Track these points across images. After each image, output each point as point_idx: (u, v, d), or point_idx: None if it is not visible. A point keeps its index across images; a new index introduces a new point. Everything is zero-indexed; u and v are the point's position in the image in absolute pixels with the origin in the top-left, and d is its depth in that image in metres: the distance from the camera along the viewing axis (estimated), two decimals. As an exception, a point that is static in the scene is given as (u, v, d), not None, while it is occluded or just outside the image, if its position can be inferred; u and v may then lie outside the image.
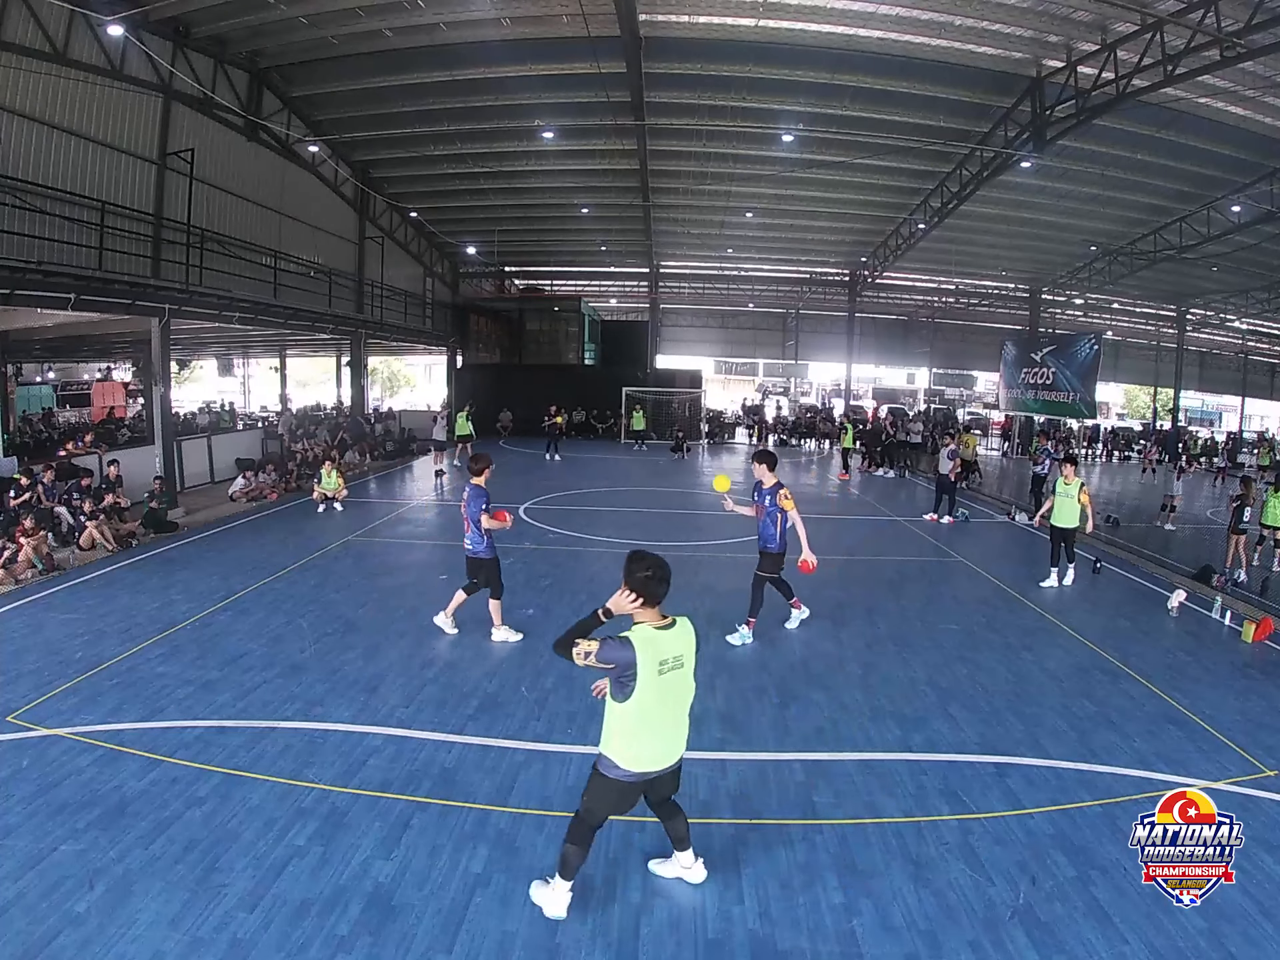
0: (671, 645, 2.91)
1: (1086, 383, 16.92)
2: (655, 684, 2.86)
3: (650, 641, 2.87)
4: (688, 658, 2.97)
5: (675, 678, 2.92)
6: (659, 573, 2.89)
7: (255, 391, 35.26)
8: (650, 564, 2.88)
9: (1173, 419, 32.46)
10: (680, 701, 3.00)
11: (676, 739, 3.03)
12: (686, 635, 2.99)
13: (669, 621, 2.95)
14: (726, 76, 14.94)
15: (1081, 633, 6.77)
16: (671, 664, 2.89)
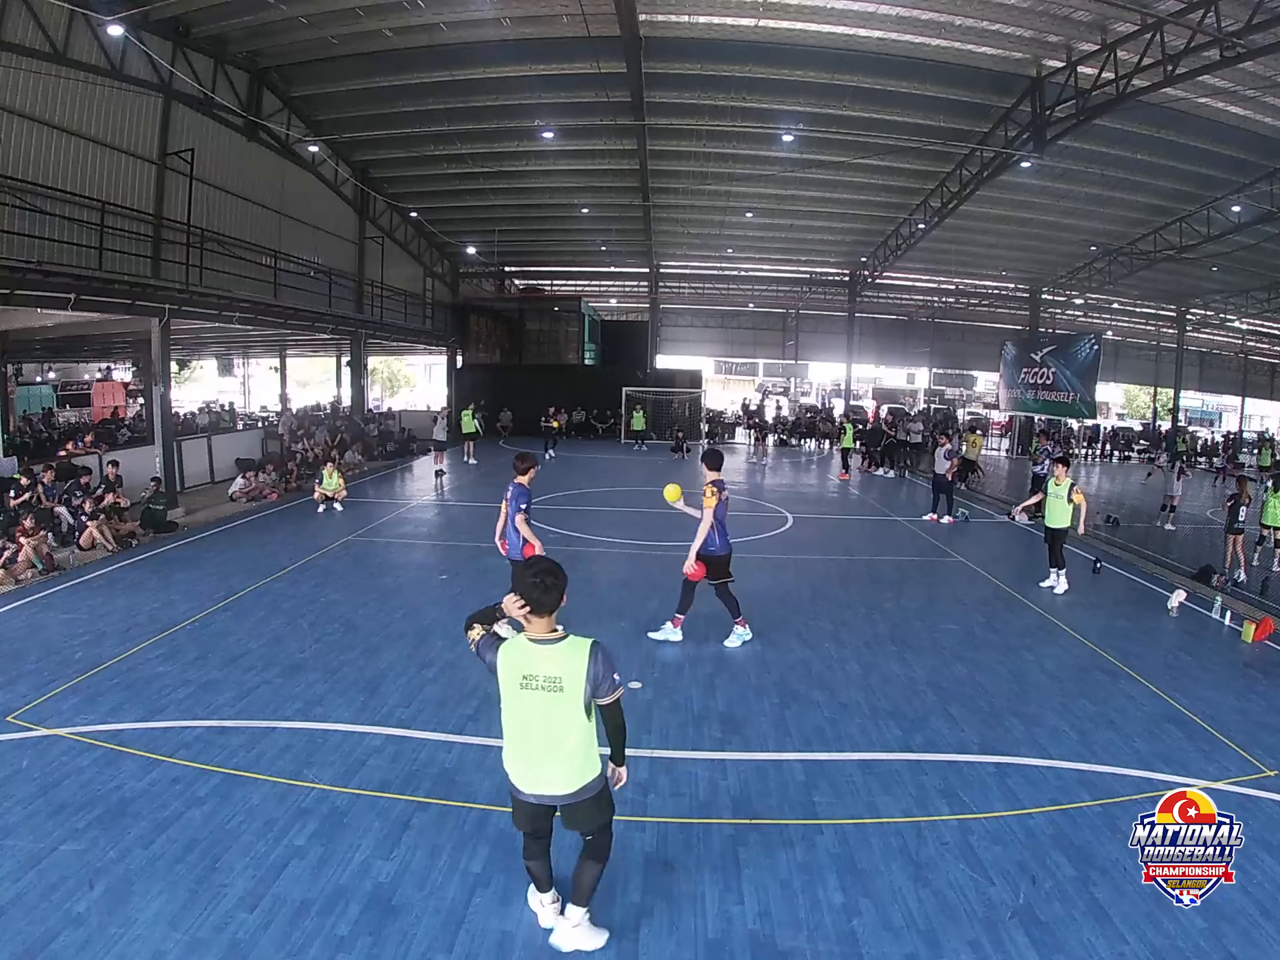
0: (545, 663, 2.58)
1: (1086, 383, 16.95)
2: (514, 699, 2.62)
3: (517, 652, 2.62)
4: (571, 683, 2.57)
5: (542, 700, 2.57)
6: (548, 580, 2.57)
7: (255, 391, 35.24)
8: (540, 570, 2.59)
9: (1173, 419, 32.46)
10: (546, 727, 2.62)
11: (545, 768, 2.67)
12: (575, 658, 2.59)
13: (557, 637, 2.62)
14: (726, 76, 14.94)
15: (1081, 633, 6.77)
16: (541, 684, 2.56)
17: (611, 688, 2.65)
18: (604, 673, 2.62)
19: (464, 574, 8.15)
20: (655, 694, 5.21)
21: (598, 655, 2.62)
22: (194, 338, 20.10)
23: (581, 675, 2.58)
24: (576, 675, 2.58)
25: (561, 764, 2.66)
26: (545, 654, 2.59)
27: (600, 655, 2.62)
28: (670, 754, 4.39)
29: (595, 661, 2.60)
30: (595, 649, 2.62)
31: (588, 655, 2.60)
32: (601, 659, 2.62)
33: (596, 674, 2.60)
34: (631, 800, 3.91)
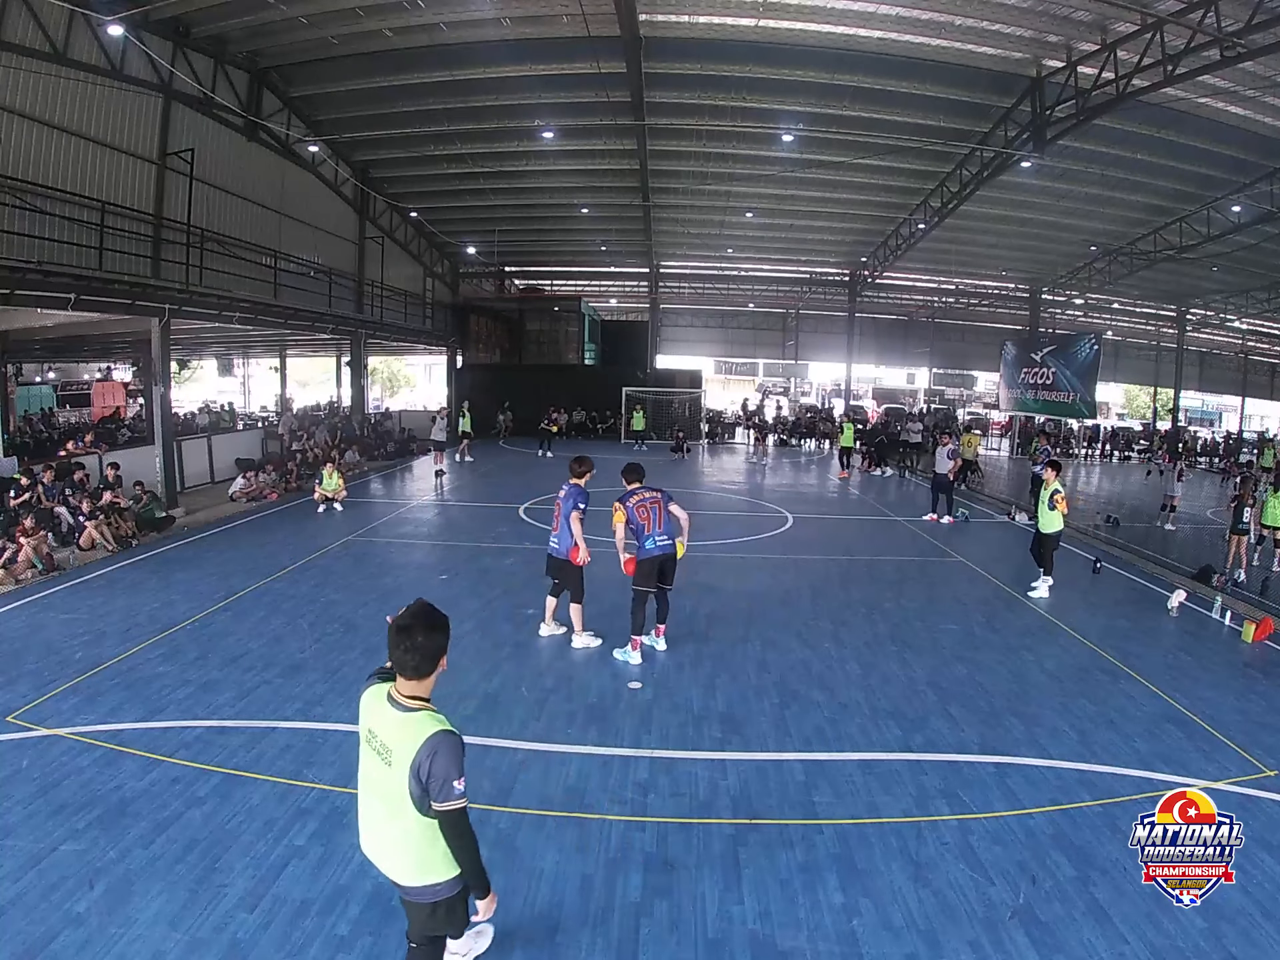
0: (386, 726, 2.16)
1: (1086, 383, 16.97)
2: (362, 750, 2.26)
3: (373, 700, 2.23)
4: (399, 758, 2.09)
5: (375, 764, 2.19)
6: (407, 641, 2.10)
7: (255, 391, 35.23)
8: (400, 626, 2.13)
9: (1173, 419, 32.46)
10: (375, 797, 2.22)
11: (368, 835, 2.29)
12: (410, 739, 2.09)
13: (413, 705, 2.15)
14: (726, 76, 14.94)
15: (1081, 633, 6.77)
16: (377, 747, 2.18)
17: (443, 795, 2.07)
18: (437, 772, 2.06)
19: (464, 574, 8.15)
20: (655, 694, 5.21)
21: (435, 749, 2.06)
22: (194, 338, 20.08)
23: (408, 761, 2.07)
24: (407, 750, 2.08)
25: (389, 845, 2.23)
26: (391, 717, 2.16)
27: (439, 751, 2.06)
28: (670, 754, 4.39)
29: (428, 755, 2.06)
30: (436, 740, 2.07)
31: (422, 743, 2.07)
32: (439, 755, 2.06)
33: (424, 770, 2.06)
34: (631, 800, 3.91)
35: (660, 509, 5.81)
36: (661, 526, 5.78)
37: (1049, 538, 8.01)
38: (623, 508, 5.80)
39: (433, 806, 2.09)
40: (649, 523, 5.76)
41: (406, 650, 2.09)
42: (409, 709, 2.15)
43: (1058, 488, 7.97)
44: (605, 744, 4.48)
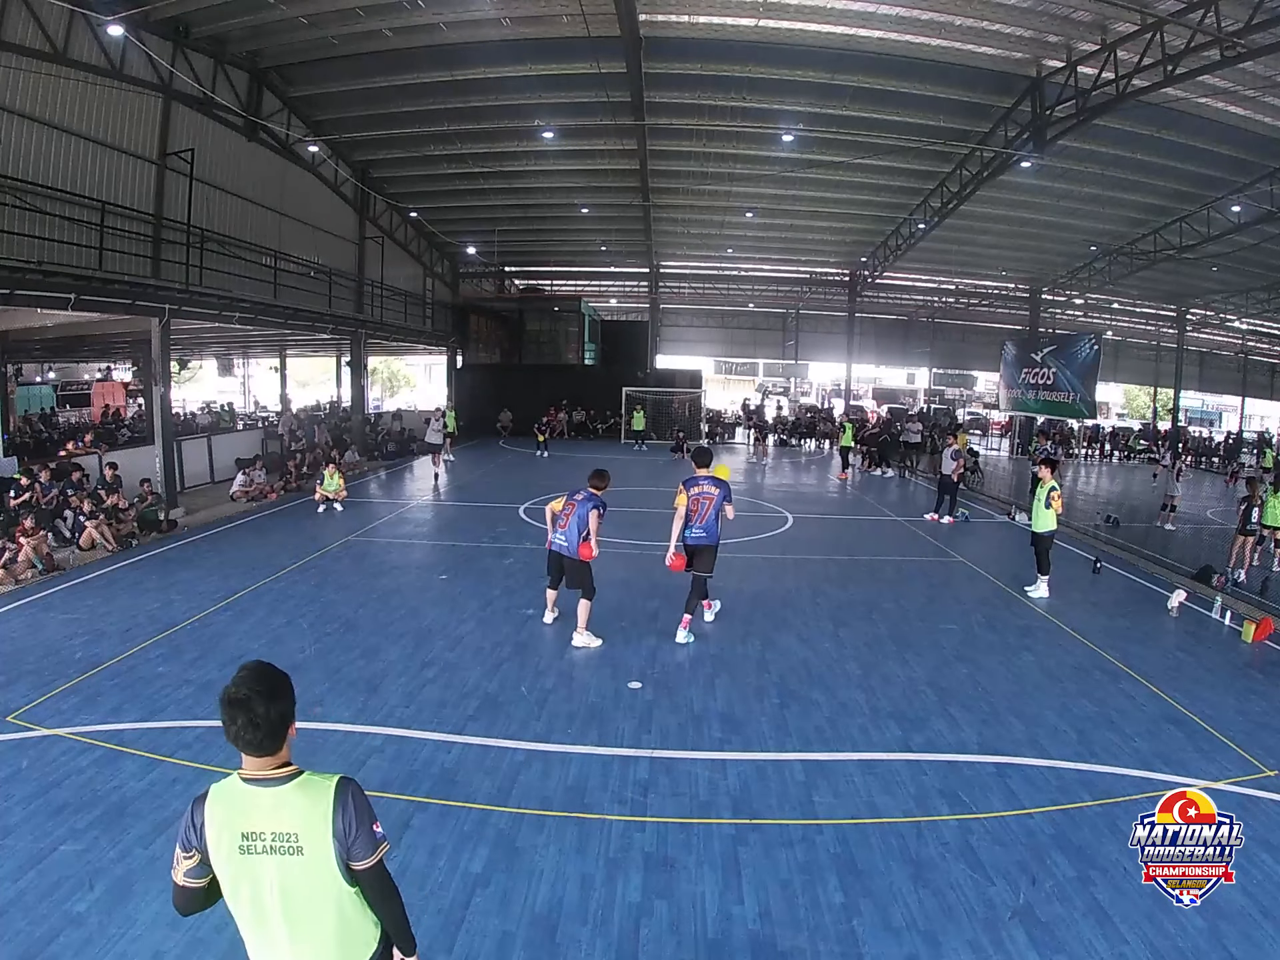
0: (270, 815, 1.71)
1: (1087, 383, 16.94)
2: (235, 869, 1.72)
3: (228, 800, 1.74)
4: (309, 834, 1.71)
5: (274, 866, 1.70)
6: (223, 704, 1.69)
7: (255, 391, 35.23)
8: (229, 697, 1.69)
9: (1173, 419, 32.46)
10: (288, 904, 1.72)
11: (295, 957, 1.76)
12: (311, 806, 1.72)
13: (283, 775, 1.73)
14: (726, 76, 14.93)
15: (1081, 633, 6.78)
16: (269, 844, 1.70)
17: (369, 846, 1.79)
18: (356, 825, 1.75)
19: (464, 574, 8.15)
20: (655, 694, 5.21)
21: (346, 802, 1.75)
22: (194, 338, 20.09)
23: (326, 831, 1.72)
24: (318, 831, 1.72)
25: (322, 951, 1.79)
26: (268, 801, 1.72)
27: (350, 801, 1.76)
28: (670, 754, 4.39)
29: (342, 811, 1.74)
30: (342, 792, 1.76)
31: (332, 803, 1.74)
32: (353, 806, 1.76)
33: (345, 829, 1.74)
34: (631, 800, 3.91)
35: (710, 506, 6.10)
36: (704, 523, 6.10)
37: (1042, 537, 7.96)
38: (685, 493, 6.08)
39: (352, 865, 1.76)
40: (696, 515, 6.09)
41: (248, 725, 1.68)
42: (286, 779, 1.73)
43: (1054, 485, 7.97)
44: (605, 744, 4.48)
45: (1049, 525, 7.95)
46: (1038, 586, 7.98)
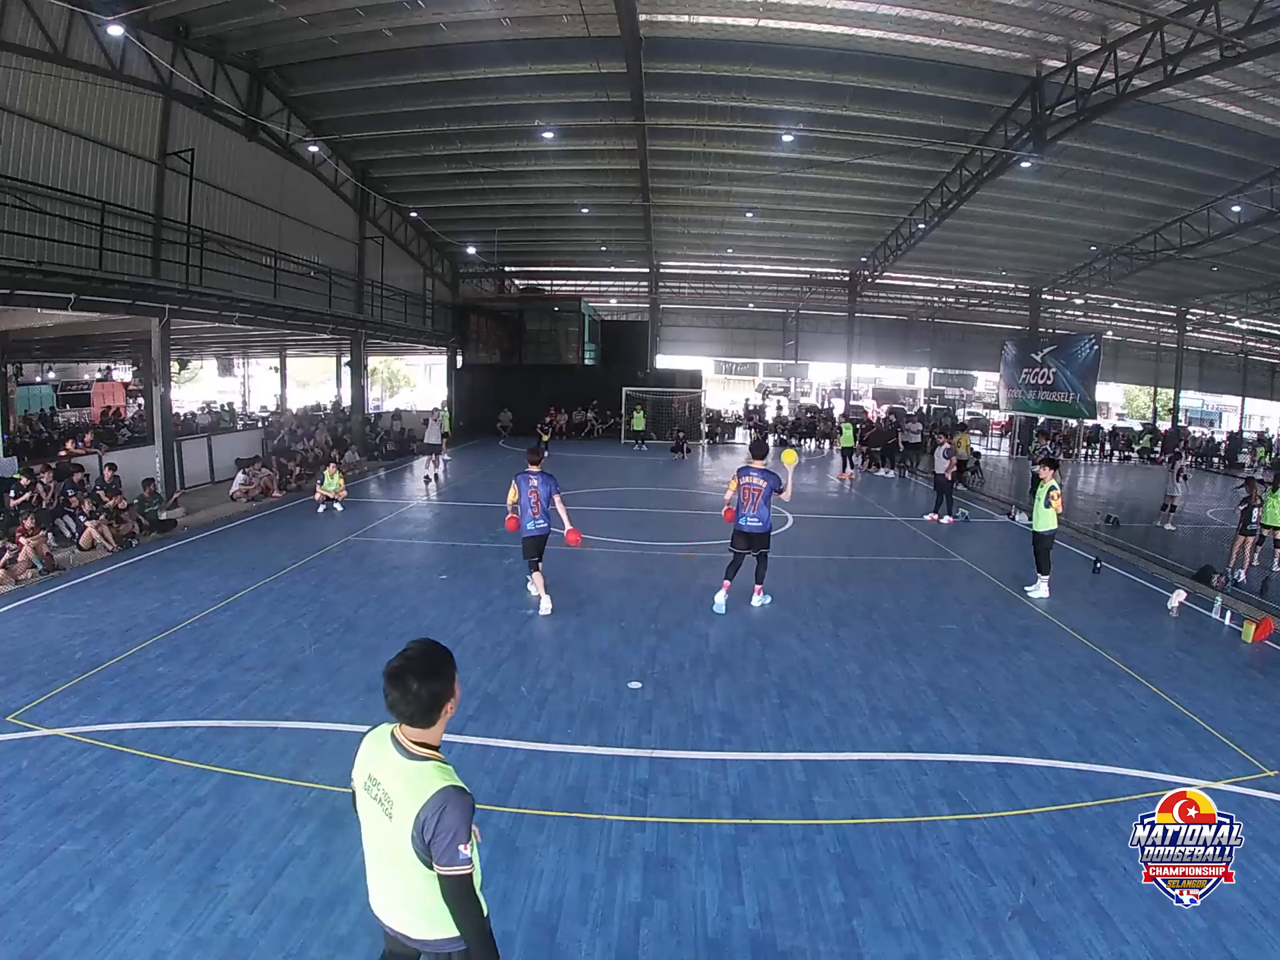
0: (388, 773, 1.94)
1: (1087, 383, 16.94)
2: (360, 800, 2.03)
3: (375, 744, 2.03)
4: (401, 811, 1.86)
5: (376, 813, 1.95)
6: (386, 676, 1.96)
7: (255, 391, 35.24)
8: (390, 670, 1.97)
9: (1173, 419, 32.46)
10: (376, 843, 1.98)
11: (375, 889, 2.03)
12: (414, 787, 1.87)
13: (421, 754, 1.93)
14: (726, 76, 14.93)
15: (1081, 633, 6.77)
16: (378, 795, 1.95)
17: (446, 857, 1.80)
18: (437, 830, 1.80)
19: (464, 574, 8.15)
20: (655, 694, 5.21)
21: (440, 805, 1.81)
22: (194, 338, 20.09)
23: (410, 816, 1.84)
24: (406, 813, 1.85)
25: (400, 896, 1.97)
26: (395, 764, 1.93)
27: (447, 809, 1.81)
28: (670, 754, 4.39)
29: (432, 810, 1.81)
30: (442, 795, 1.83)
31: (429, 797, 1.83)
32: (446, 814, 1.81)
33: (427, 825, 1.81)
34: (631, 800, 3.91)
35: (760, 496, 6.85)
36: (755, 511, 6.88)
37: (1043, 536, 7.96)
38: (738, 482, 6.97)
39: (434, 869, 1.83)
40: (747, 503, 6.88)
41: (401, 697, 1.90)
42: (415, 757, 1.92)
43: (1054, 485, 7.95)
44: (605, 744, 4.48)
45: (1049, 525, 7.93)
46: (1038, 586, 7.97)
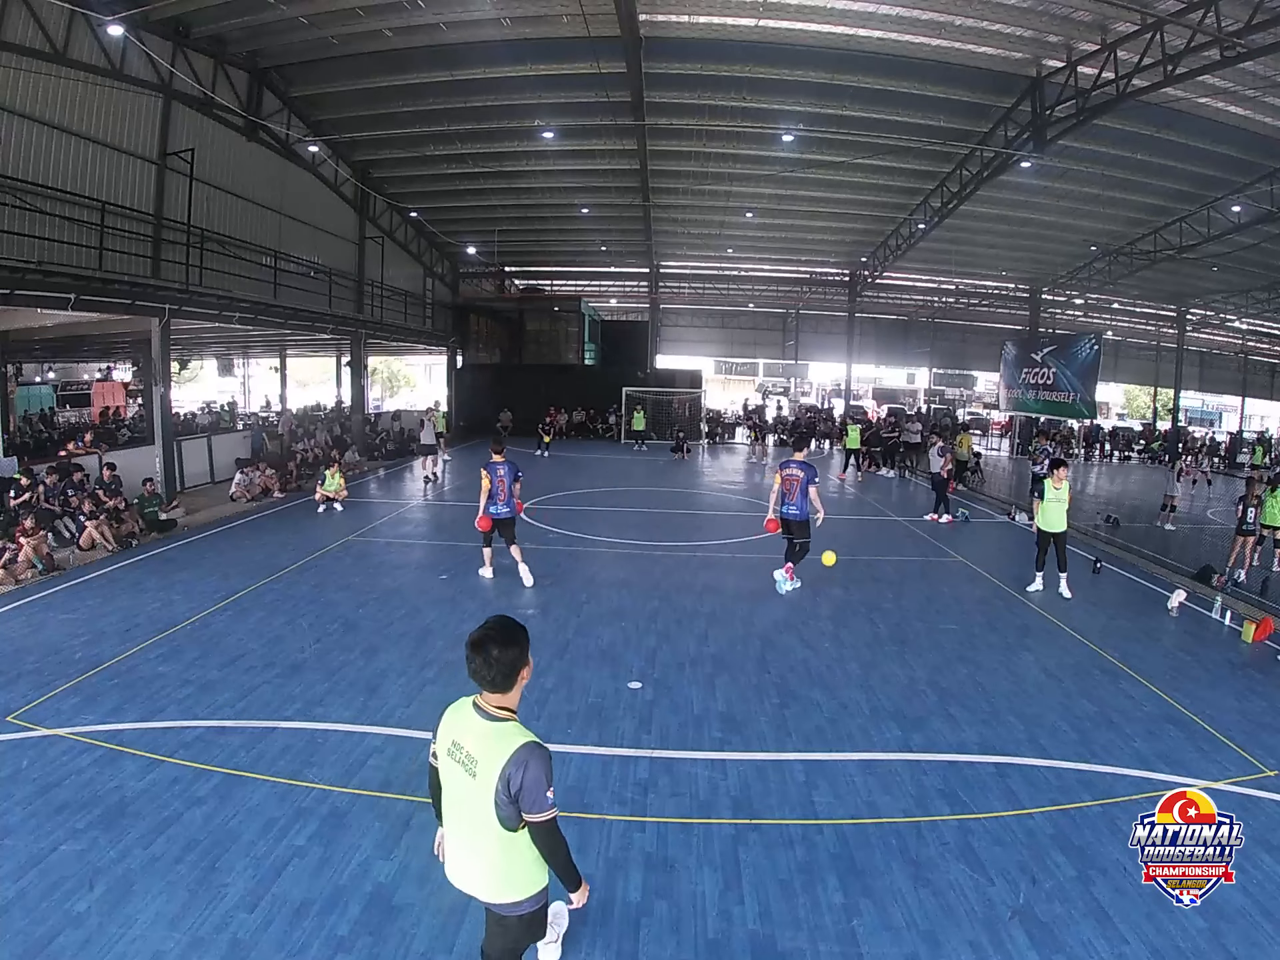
0: (471, 736, 2.17)
1: (1087, 383, 16.93)
2: (443, 765, 2.25)
3: (457, 711, 2.27)
4: (485, 769, 2.09)
5: (459, 776, 2.17)
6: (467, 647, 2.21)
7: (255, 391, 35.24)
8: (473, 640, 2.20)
9: (1173, 419, 32.45)
10: (457, 808, 2.21)
11: (455, 855, 2.27)
12: (497, 746, 2.11)
13: (499, 715, 2.18)
14: (726, 76, 14.92)
15: (1081, 633, 6.77)
16: (462, 759, 2.17)
17: (537, 805, 2.08)
18: (529, 784, 2.07)
19: (464, 574, 8.15)
20: (655, 694, 5.21)
21: (525, 761, 2.07)
22: (194, 338, 20.08)
23: (495, 771, 2.07)
24: (493, 762, 2.08)
25: (475, 860, 2.21)
26: (475, 726, 2.18)
27: (530, 763, 2.07)
28: (670, 754, 4.39)
29: (518, 767, 2.06)
30: (526, 751, 2.09)
31: (512, 753, 2.07)
32: (530, 767, 2.07)
33: (514, 780, 2.06)
34: (631, 800, 3.91)
35: (797, 486, 7.44)
36: (795, 500, 7.48)
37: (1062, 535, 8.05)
38: (779, 474, 7.57)
39: (524, 817, 2.11)
40: (789, 493, 7.50)
41: (483, 663, 2.16)
42: (496, 719, 2.18)
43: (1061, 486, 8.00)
44: (605, 744, 4.48)
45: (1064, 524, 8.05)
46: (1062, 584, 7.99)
